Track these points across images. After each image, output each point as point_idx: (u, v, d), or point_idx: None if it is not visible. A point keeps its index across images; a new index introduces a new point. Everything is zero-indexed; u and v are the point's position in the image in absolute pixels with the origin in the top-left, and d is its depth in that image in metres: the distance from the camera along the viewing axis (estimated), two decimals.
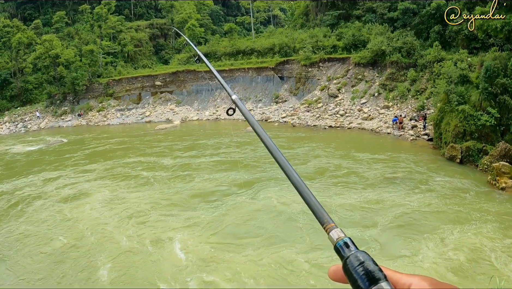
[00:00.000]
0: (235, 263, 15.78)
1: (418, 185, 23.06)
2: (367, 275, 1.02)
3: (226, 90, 2.71)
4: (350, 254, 1.10)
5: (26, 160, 39.33)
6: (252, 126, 1.88)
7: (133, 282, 15.06)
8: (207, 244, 17.51)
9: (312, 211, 1.31)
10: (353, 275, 1.04)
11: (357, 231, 17.43)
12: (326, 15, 59.42)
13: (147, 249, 17.53)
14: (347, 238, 1.17)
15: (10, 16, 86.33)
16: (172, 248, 17.43)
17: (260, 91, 57.84)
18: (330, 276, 1.17)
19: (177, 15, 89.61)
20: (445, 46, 42.68)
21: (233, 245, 17.36)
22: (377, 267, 1.04)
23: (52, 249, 18.32)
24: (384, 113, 41.80)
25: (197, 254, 16.73)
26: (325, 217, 1.27)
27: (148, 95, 66.84)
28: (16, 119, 67.24)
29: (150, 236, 18.69)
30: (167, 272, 15.56)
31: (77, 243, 18.65)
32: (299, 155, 31.39)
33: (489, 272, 13.67)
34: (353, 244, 1.15)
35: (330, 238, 1.20)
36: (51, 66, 69.58)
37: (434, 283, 1.05)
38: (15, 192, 27.75)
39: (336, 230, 1.21)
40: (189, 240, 18.08)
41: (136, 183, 27.78)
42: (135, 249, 17.62)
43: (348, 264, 1.08)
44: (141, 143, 42.53)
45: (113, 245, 18.14)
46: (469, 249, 15.34)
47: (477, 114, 26.35)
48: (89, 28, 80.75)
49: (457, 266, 14.44)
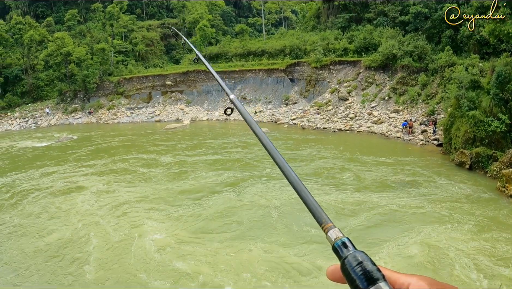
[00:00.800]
0: (197, 254, 16.68)
1: (425, 189, 22.95)
2: (366, 275, 1.02)
3: (224, 90, 2.73)
4: (348, 254, 1.10)
5: (32, 154, 40.23)
6: (250, 126, 1.88)
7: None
8: (176, 237, 18.53)
9: (310, 211, 1.31)
10: (351, 275, 1.04)
11: (356, 232, 17.40)
12: (338, 18, 59.30)
13: (121, 239, 18.61)
14: (345, 238, 1.17)
15: (23, 13, 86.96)
16: (144, 240, 18.30)
17: (270, 92, 57.82)
18: (328, 276, 1.16)
19: (189, 15, 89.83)
20: (457, 50, 42.46)
21: (201, 238, 18.22)
22: (376, 267, 1.04)
23: (38, 240, 19.22)
24: (394, 117, 41.65)
25: (164, 244, 17.75)
26: (323, 217, 1.27)
27: (158, 94, 67.00)
28: (27, 115, 67.65)
29: (127, 228, 19.80)
30: (132, 260, 16.57)
31: (62, 233, 19.81)
32: (305, 156, 31.45)
33: (499, 278, 13.62)
34: (352, 244, 1.15)
35: (328, 238, 1.20)
36: (63, 64, 70.03)
37: (432, 283, 1.04)
38: (13, 185, 28.83)
39: (334, 230, 1.21)
40: (161, 232, 19.04)
41: (132, 178, 28.82)
42: (107, 239, 18.73)
43: (346, 264, 1.07)
44: (147, 141, 42.88)
45: (90, 235, 19.21)
46: (475, 256, 15.25)
47: (487, 120, 26.17)
48: (101, 26, 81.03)
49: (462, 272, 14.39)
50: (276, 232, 18.37)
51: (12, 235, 19.93)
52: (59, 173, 31.24)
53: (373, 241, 16.86)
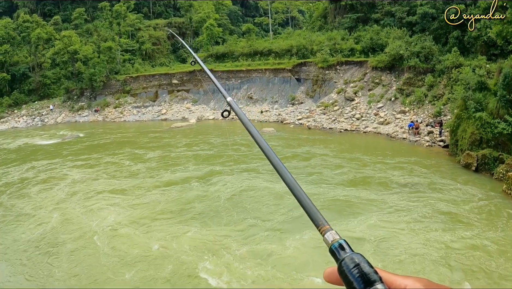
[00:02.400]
0: (133, 236, 18.65)
1: (430, 191, 22.89)
2: (363, 277, 1.03)
3: (221, 92, 2.79)
4: (345, 256, 1.10)
5: (31, 150, 42.10)
6: (247, 128, 1.91)
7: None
8: (125, 221, 20.48)
9: (307, 213, 1.32)
10: (348, 277, 1.05)
11: (355, 234, 17.38)
12: (345, 18, 59.24)
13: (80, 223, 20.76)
14: (342, 240, 1.17)
15: (30, 12, 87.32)
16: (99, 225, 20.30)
17: (277, 92, 57.79)
18: (325, 278, 1.17)
19: (196, 15, 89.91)
20: (464, 52, 42.26)
21: (145, 225, 19.94)
22: (372, 269, 1.05)
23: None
24: (400, 118, 41.53)
25: (110, 226, 19.89)
26: (320, 219, 1.27)
27: (164, 93, 67.16)
28: (33, 112, 68.08)
29: (91, 213, 22.01)
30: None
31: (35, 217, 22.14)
32: (310, 156, 31.49)
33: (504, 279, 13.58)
34: (348, 246, 1.15)
35: (325, 240, 1.20)
36: (70, 62, 70.50)
37: (428, 285, 1.06)
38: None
39: (331, 232, 1.21)
40: (112, 217, 21.10)
41: (112, 171, 30.85)
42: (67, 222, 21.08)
43: (343, 266, 1.08)
44: (149, 139, 43.81)
45: (58, 220, 21.42)
46: (480, 258, 15.20)
47: (494, 122, 26.03)
48: (108, 25, 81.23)
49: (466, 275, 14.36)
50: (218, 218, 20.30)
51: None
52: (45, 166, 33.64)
53: (373, 240, 16.85)
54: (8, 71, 72.44)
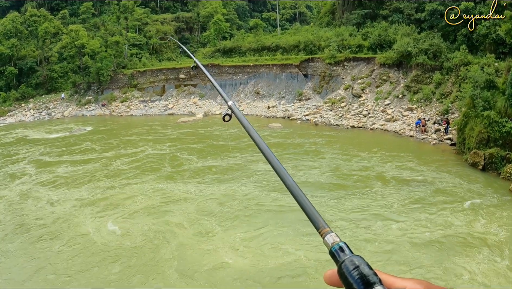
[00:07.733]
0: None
1: (436, 189, 22.83)
2: (362, 279, 1.05)
3: (222, 97, 2.81)
4: (345, 258, 1.14)
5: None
6: (247, 131, 1.96)
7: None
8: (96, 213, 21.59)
9: (307, 216, 1.35)
10: (348, 279, 1.08)
11: (355, 234, 17.39)
12: (353, 14, 59.02)
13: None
14: (342, 242, 1.21)
15: (38, 6, 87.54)
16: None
17: (284, 88, 57.71)
18: (326, 281, 1.20)
19: (203, 9, 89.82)
20: (472, 50, 42.04)
21: (119, 220, 20.50)
22: (372, 271, 1.08)
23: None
24: (407, 115, 41.41)
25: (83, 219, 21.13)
26: (320, 222, 1.31)
27: (171, 87, 67.22)
28: (41, 106, 68.33)
29: (70, 204, 23.08)
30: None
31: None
32: (319, 152, 31.47)
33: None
34: (348, 249, 1.19)
35: (325, 243, 1.24)
36: (77, 56, 70.70)
37: (428, 286, 1.09)
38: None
39: (331, 235, 1.25)
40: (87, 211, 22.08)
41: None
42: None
43: (343, 268, 1.11)
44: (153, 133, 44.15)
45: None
46: (487, 258, 15.18)
47: (502, 121, 25.92)
48: (115, 19, 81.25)
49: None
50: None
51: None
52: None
53: (373, 240, 16.85)
54: (16, 65, 72.67)
